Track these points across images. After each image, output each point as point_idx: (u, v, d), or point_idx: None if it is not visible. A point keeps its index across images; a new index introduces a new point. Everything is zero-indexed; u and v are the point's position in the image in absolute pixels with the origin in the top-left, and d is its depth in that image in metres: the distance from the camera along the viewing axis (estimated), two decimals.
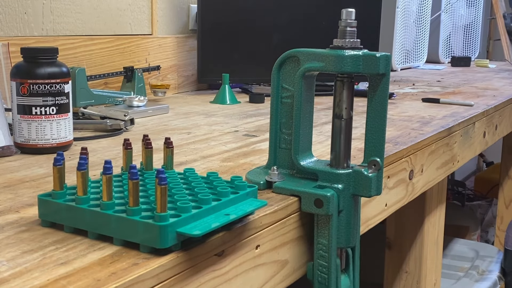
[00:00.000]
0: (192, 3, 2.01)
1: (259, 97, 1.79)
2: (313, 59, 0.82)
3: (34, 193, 0.80)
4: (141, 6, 1.80)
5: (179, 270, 0.61)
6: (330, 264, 0.81)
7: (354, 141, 1.20)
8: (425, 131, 1.33)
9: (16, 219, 0.70)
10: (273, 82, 0.86)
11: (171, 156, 0.82)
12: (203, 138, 1.22)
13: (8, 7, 1.40)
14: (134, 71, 1.62)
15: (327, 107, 1.72)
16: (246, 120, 1.45)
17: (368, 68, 0.80)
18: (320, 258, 0.83)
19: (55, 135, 1.03)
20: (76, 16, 1.58)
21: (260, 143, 1.17)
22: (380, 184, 0.82)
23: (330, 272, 0.82)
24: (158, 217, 0.60)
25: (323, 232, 0.81)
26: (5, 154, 1.01)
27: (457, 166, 1.54)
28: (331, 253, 0.81)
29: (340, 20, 0.83)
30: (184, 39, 1.97)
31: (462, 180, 4.05)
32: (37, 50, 1.04)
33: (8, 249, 0.61)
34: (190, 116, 1.50)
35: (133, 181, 0.62)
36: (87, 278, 0.54)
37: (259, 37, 1.96)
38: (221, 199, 0.68)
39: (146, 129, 1.31)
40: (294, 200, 0.81)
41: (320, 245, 0.82)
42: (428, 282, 1.63)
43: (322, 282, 0.83)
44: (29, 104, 1.01)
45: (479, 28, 3.34)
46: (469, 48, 3.33)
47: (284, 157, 0.87)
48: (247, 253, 0.72)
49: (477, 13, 3.30)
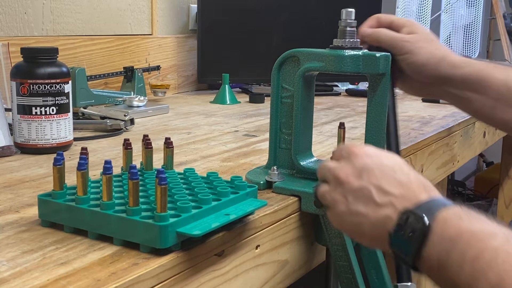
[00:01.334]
0: (192, 3, 2.01)
1: (259, 97, 1.79)
2: (313, 59, 0.82)
3: (34, 193, 0.80)
4: (141, 6, 1.80)
5: (179, 270, 0.61)
6: (351, 262, 0.80)
7: (354, 141, 1.20)
8: (425, 131, 1.33)
9: (16, 219, 0.70)
10: (273, 82, 0.86)
11: (171, 156, 0.82)
12: (203, 138, 1.22)
13: (8, 7, 1.40)
14: (134, 71, 1.62)
15: (327, 107, 1.72)
16: (246, 120, 1.45)
17: (368, 68, 0.80)
18: (339, 259, 0.82)
19: (55, 135, 1.03)
20: (76, 16, 1.58)
21: (260, 143, 1.17)
22: None
23: (354, 271, 0.81)
24: (158, 217, 0.60)
25: (334, 232, 0.81)
26: (5, 154, 1.01)
27: (457, 166, 1.54)
28: (349, 250, 0.80)
29: (340, 20, 0.83)
30: (184, 39, 1.97)
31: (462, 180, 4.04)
32: (37, 50, 1.04)
33: (8, 249, 0.61)
34: (190, 116, 1.50)
35: (133, 181, 0.62)
36: (87, 278, 0.54)
37: (259, 37, 1.96)
38: (221, 199, 0.68)
39: (146, 129, 1.31)
40: (294, 200, 0.81)
41: (335, 246, 0.81)
42: (428, 282, 1.63)
43: (348, 283, 0.82)
44: (29, 104, 1.01)
45: (479, 28, 3.34)
46: (469, 48, 3.33)
47: (284, 157, 0.87)
48: (247, 253, 0.72)
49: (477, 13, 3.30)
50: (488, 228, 0.56)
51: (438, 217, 0.59)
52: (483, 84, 0.89)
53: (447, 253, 0.57)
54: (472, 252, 0.54)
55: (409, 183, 0.64)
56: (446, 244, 0.57)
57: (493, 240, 0.54)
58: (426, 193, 0.62)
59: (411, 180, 0.64)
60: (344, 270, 0.81)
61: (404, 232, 0.60)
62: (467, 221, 0.57)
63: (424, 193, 0.63)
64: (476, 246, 0.55)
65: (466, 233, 0.56)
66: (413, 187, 0.63)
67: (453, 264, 0.56)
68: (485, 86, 0.89)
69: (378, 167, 0.65)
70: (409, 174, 0.65)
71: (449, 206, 0.60)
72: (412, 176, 0.65)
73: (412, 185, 0.64)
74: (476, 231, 0.56)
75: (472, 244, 0.55)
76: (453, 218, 0.58)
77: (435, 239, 0.58)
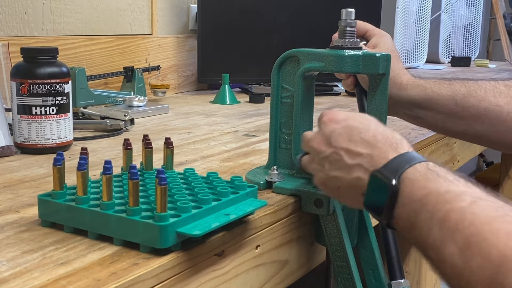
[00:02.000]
0: (192, 3, 2.01)
1: (259, 97, 1.79)
2: (313, 59, 0.82)
3: (34, 193, 0.80)
4: (141, 6, 1.80)
5: (179, 270, 0.61)
6: (349, 262, 0.81)
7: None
8: (425, 131, 1.33)
9: (16, 219, 0.70)
10: (273, 82, 0.86)
11: (171, 156, 0.82)
12: (203, 138, 1.22)
13: (8, 7, 1.40)
14: (134, 71, 1.62)
15: (327, 107, 1.72)
16: (246, 120, 1.45)
17: (368, 68, 0.80)
18: (337, 260, 0.82)
19: (55, 135, 1.03)
20: (76, 16, 1.58)
21: (260, 143, 1.17)
22: None
23: (352, 271, 0.81)
24: (158, 217, 0.60)
25: (333, 232, 0.81)
26: (5, 154, 1.01)
27: (457, 166, 1.54)
28: (347, 250, 0.80)
29: (340, 20, 0.83)
30: (184, 39, 1.97)
31: None
32: (37, 50, 1.04)
33: (8, 249, 0.61)
34: (190, 116, 1.50)
35: (133, 181, 0.62)
36: (87, 278, 0.54)
37: (259, 37, 1.96)
38: (221, 199, 0.68)
39: (146, 129, 1.31)
40: (294, 200, 0.81)
41: (333, 246, 0.82)
42: (428, 282, 1.63)
43: (346, 283, 0.82)
44: (29, 104, 1.01)
45: (479, 28, 3.34)
46: (469, 48, 3.33)
47: (284, 157, 0.87)
48: (247, 253, 0.72)
49: (477, 13, 3.30)
50: (456, 189, 0.56)
51: (405, 178, 0.60)
52: (431, 102, 0.93)
53: (416, 214, 0.57)
54: (440, 214, 0.55)
55: (376, 142, 0.65)
56: (414, 205, 0.58)
57: (460, 201, 0.54)
58: (393, 151, 0.63)
59: (378, 138, 0.65)
60: (342, 270, 0.82)
61: (374, 195, 0.62)
62: (434, 181, 0.58)
63: (391, 151, 0.64)
64: (443, 207, 0.55)
65: (433, 194, 0.57)
66: (380, 145, 0.65)
67: (422, 225, 0.56)
68: (433, 103, 0.93)
69: (345, 130, 0.68)
70: (375, 133, 0.66)
71: (416, 164, 0.60)
72: (379, 134, 0.66)
73: (379, 143, 0.65)
74: (442, 192, 0.56)
75: (439, 205, 0.55)
76: (420, 179, 0.59)
77: (404, 200, 0.59)
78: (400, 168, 0.61)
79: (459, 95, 0.91)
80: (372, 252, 0.86)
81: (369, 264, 0.86)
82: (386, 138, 0.65)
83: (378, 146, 0.65)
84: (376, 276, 0.86)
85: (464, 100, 0.90)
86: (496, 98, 0.90)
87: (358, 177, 0.65)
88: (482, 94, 0.90)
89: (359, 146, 0.66)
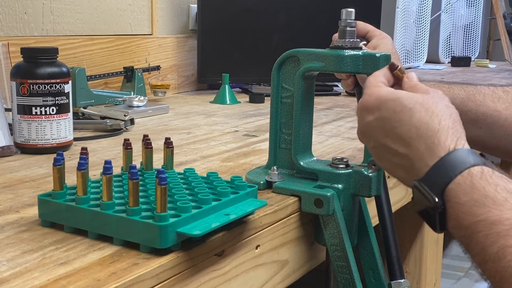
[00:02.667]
0: (192, 3, 2.01)
1: (259, 97, 1.79)
2: (313, 59, 0.82)
3: (34, 193, 0.80)
4: (141, 6, 1.80)
5: (179, 270, 0.61)
6: (349, 262, 0.81)
7: (354, 141, 1.20)
8: None
9: (16, 219, 0.70)
10: (273, 82, 0.86)
11: (171, 156, 0.82)
12: (203, 138, 1.22)
13: (8, 7, 1.40)
14: (134, 71, 1.62)
15: (327, 107, 1.72)
16: (246, 120, 1.45)
17: (368, 68, 0.80)
18: (337, 260, 0.82)
19: (55, 135, 1.03)
20: (76, 16, 1.58)
21: (260, 143, 1.17)
22: (380, 184, 0.82)
23: (352, 271, 0.81)
24: (158, 217, 0.60)
25: (332, 232, 0.81)
26: (5, 154, 1.01)
27: None
28: (347, 250, 0.80)
29: (340, 20, 0.83)
30: (184, 39, 1.97)
31: None
32: (37, 50, 1.04)
33: (8, 249, 0.61)
34: (190, 116, 1.50)
35: (133, 181, 0.62)
36: (87, 278, 0.54)
37: (259, 37, 1.96)
38: (221, 199, 0.68)
39: (146, 129, 1.31)
40: (294, 200, 0.81)
41: (333, 246, 0.82)
42: (428, 282, 1.63)
43: (346, 283, 0.82)
44: (29, 104, 1.01)
45: (479, 28, 3.34)
46: (469, 48, 3.33)
47: (284, 157, 0.87)
48: (247, 253, 0.72)
49: (477, 13, 3.30)
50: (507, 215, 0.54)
51: (449, 198, 0.58)
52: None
53: (468, 241, 0.57)
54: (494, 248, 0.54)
55: (410, 139, 0.63)
56: (463, 231, 0.57)
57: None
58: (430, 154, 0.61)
59: (412, 135, 0.63)
60: (342, 270, 0.82)
61: (422, 207, 0.61)
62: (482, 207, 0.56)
63: (428, 154, 0.61)
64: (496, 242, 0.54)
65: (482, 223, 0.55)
66: (415, 144, 0.62)
67: (478, 252, 0.56)
68: None
69: (378, 123, 0.67)
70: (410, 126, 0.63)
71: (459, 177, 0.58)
72: (413, 127, 0.63)
73: (414, 142, 0.63)
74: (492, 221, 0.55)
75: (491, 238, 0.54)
76: (466, 203, 0.56)
77: (451, 223, 0.58)
78: (442, 184, 0.58)
79: (457, 99, 0.91)
80: (372, 252, 0.86)
81: (369, 264, 0.86)
82: (421, 133, 0.62)
83: (413, 145, 0.62)
84: (376, 276, 0.86)
85: (462, 104, 0.90)
86: (495, 103, 0.90)
87: (402, 177, 0.66)
88: (481, 99, 0.90)
89: (396, 143, 0.64)
